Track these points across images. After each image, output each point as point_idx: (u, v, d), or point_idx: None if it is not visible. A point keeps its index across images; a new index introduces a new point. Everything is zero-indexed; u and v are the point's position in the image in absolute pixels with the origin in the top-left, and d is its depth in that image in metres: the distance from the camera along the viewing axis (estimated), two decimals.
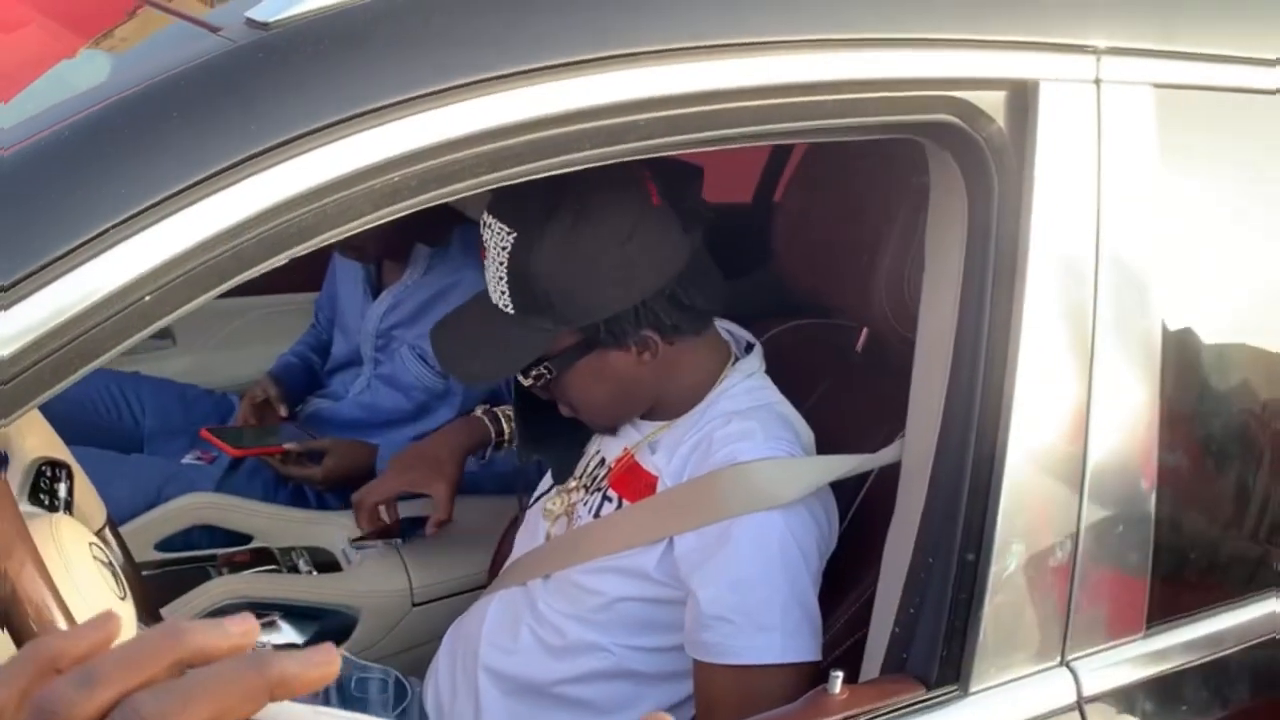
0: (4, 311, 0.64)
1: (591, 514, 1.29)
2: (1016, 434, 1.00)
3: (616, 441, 1.31)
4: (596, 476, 1.32)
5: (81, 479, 1.17)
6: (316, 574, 1.75)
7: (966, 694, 1.01)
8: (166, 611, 1.57)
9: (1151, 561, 1.08)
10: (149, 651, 0.38)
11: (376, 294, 2.02)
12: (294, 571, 1.75)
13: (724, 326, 1.32)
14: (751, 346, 1.32)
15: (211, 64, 0.72)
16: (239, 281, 0.71)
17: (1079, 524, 1.03)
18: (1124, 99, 1.04)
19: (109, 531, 1.27)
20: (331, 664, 0.39)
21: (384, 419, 1.93)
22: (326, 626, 1.65)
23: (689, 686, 1.21)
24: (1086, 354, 1.03)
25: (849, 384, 1.46)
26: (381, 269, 2.04)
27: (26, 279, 0.64)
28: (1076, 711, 1.04)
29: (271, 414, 2.02)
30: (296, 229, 0.71)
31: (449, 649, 1.42)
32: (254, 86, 0.71)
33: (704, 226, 1.20)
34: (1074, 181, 1.02)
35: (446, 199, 0.77)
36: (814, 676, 1.12)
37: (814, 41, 0.89)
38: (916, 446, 1.09)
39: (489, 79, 0.75)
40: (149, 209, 0.65)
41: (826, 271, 1.45)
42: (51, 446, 1.13)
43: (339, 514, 1.82)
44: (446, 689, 1.39)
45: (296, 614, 1.66)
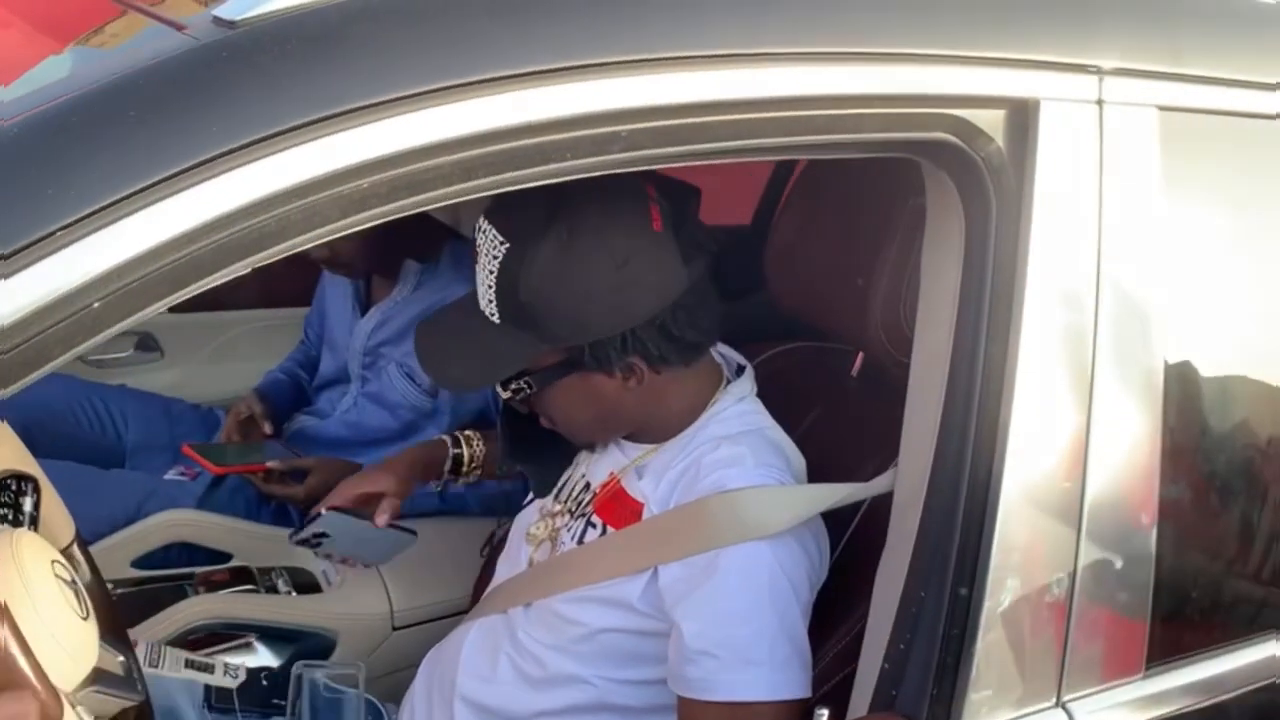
0: None
1: (575, 540, 1.25)
2: (1013, 464, 0.96)
3: (602, 465, 1.27)
4: (581, 501, 1.28)
5: (50, 493, 1.14)
6: (296, 595, 1.72)
7: None
8: (138, 631, 1.54)
9: (1152, 600, 1.04)
10: None
11: (365, 310, 1.99)
12: (273, 592, 1.71)
13: (716, 349, 1.28)
14: (743, 369, 1.28)
15: (173, 62, 0.69)
16: (196, 291, 0.68)
17: (1076, 559, 1.00)
18: (1127, 121, 1.01)
19: (77, 548, 1.23)
20: None
21: (370, 438, 1.90)
22: (304, 649, 1.61)
23: None
24: (1086, 382, 0.99)
25: (843, 410, 1.43)
26: (371, 285, 2.01)
27: None
28: None
29: (256, 431, 1.99)
30: (257, 236, 0.67)
31: (426, 676, 1.38)
32: (217, 86, 0.68)
33: (705, 258, 1.16)
34: (1074, 204, 0.99)
35: (419, 208, 0.74)
36: (803, 713, 1.08)
37: (808, 54, 0.86)
38: (910, 475, 1.06)
39: (465, 84, 0.72)
40: (99, 211, 0.62)
41: (821, 294, 1.42)
42: (18, 459, 1.10)
43: None
44: (423, 717, 1.35)
45: (273, 635, 1.62)
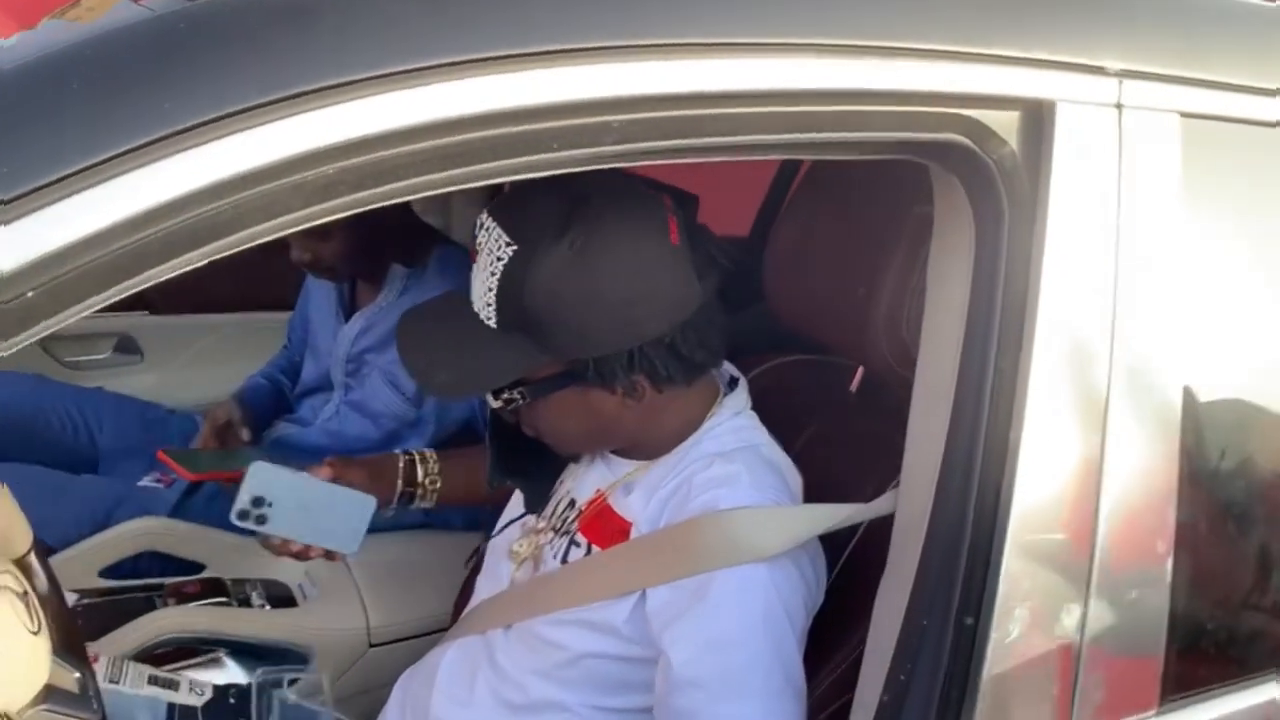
0: None
1: (559, 559, 1.19)
2: (1023, 487, 0.91)
3: (588, 481, 1.21)
4: (566, 519, 1.22)
5: (5, 499, 1.08)
6: (269, 608, 1.66)
7: None
8: (102, 644, 1.47)
9: (1167, 633, 0.98)
10: None
11: (349, 316, 1.93)
12: (245, 605, 1.65)
13: None
14: (735, 382, 1.22)
15: (125, 32, 0.63)
16: (143, 284, 0.62)
17: (1088, 589, 0.94)
18: (1147, 126, 0.96)
19: (34, 557, 1.18)
20: None
21: (350, 447, 1.84)
22: (276, 665, 1.54)
23: None
24: (1101, 401, 0.94)
25: (841, 427, 1.38)
26: (355, 289, 1.95)
27: None
28: None
29: (234, 437, 1.93)
30: (210, 225, 0.61)
31: (400, 697, 1.32)
32: (170, 60, 0.62)
33: (717, 274, 1.10)
34: (1091, 212, 0.94)
35: (390, 199, 0.68)
36: None
37: (815, 46, 0.81)
38: (912, 497, 1.00)
39: (444, 65, 0.66)
40: (28, 194, 0.56)
41: (821, 306, 1.36)
42: None
43: None
44: None
45: (243, 651, 1.56)
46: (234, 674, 1.53)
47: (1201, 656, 1.04)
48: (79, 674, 1.01)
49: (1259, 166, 1.05)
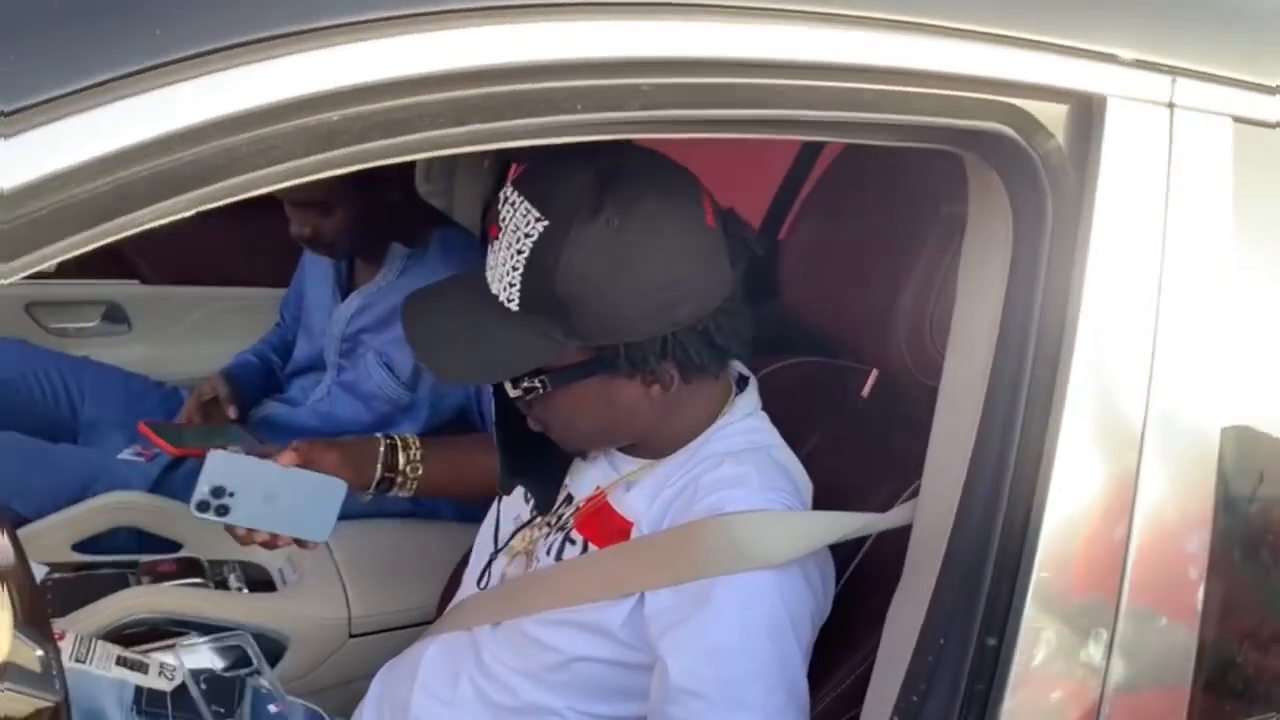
0: None
1: (552, 556, 1.13)
2: (1055, 503, 0.86)
3: (587, 477, 1.15)
4: (562, 514, 1.16)
5: None
6: (247, 592, 1.60)
7: None
8: (69, 621, 1.41)
9: (1194, 664, 0.93)
10: None
11: (345, 295, 1.88)
12: (222, 587, 1.59)
13: None
14: (745, 380, 1.16)
15: None
16: (121, 232, 0.56)
17: (1118, 613, 0.89)
18: (1199, 128, 0.91)
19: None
20: None
21: (340, 429, 1.78)
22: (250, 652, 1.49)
23: None
24: (1139, 417, 0.89)
25: (849, 432, 1.32)
26: (353, 267, 1.89)
27: None
28: None
29: (219, 414, 1.87)
30: (201, 168, 0.56)
31: (379, 692, 1.27)
32: None
33: (748, 260, 1.04)
34: (1138, 216, 0.89)
35: (398, 154, 0.63)
36: None
37: (859, 18, 0.76)
38: (932, 510, 0.95)
39: (462, 10, 0.61)
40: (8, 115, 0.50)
41: (839, 305, 1.31)
42: None
43: None
44: None
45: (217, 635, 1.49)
46: (204, 659, 1.47)
47: (1230, 690, 0.99)
48: (42, 651, 0.95)
49: None
